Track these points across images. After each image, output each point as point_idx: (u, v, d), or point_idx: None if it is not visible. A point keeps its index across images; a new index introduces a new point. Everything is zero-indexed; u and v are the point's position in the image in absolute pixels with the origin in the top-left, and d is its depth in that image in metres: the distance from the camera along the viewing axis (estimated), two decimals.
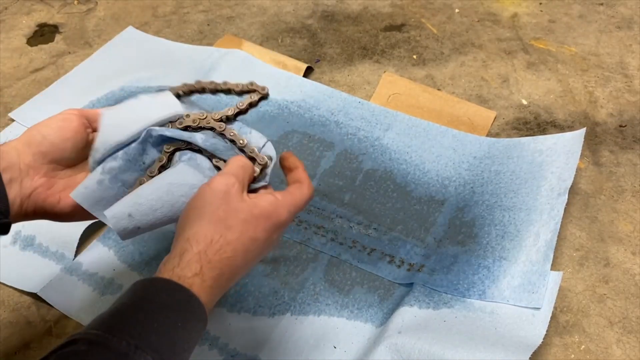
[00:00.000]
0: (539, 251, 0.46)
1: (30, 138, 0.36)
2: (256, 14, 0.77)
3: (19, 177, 0.35)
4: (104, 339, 0.26)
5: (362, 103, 0.62)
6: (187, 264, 0.30)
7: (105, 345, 0.26)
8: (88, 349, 0.26)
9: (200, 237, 0.31)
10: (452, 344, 0.41)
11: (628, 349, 0.43)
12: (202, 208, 0.32)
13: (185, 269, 0.30)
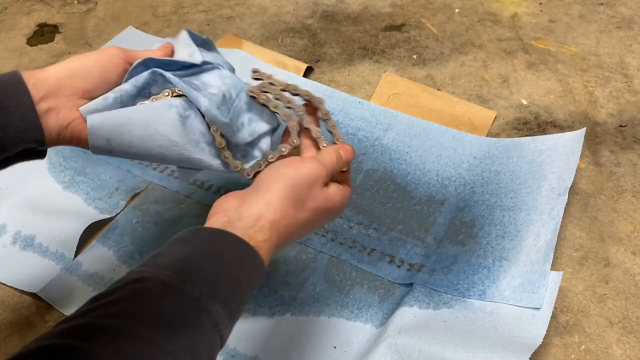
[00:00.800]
0: (539, 251, 0.46)
1: (73, 70, 0.36)
2: (256, 14, 0.77)
3: (57, 107, 0.35)
4: (178, 282, 0.27)
5: (362, 103, 0.62)
6: (261, 229, 0.31)
7: (178, 288, 0.26)
8: (162, 290, 0.26)
9: (278, 208, 0.32)
10: (452, 344, 0.41)
11: (628, 349, 0.43)
12: (290, 182, 0.33)
13: (258, 232, 0.31)
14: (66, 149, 0.60)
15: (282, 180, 0.33)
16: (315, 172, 0.34)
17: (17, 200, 0.55)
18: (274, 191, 0.33)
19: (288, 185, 0.33)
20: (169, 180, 0.57)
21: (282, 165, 0.35)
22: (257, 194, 0.33)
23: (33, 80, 0.35)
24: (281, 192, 0.33)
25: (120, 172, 0.57)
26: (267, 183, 0.33)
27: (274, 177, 0.34)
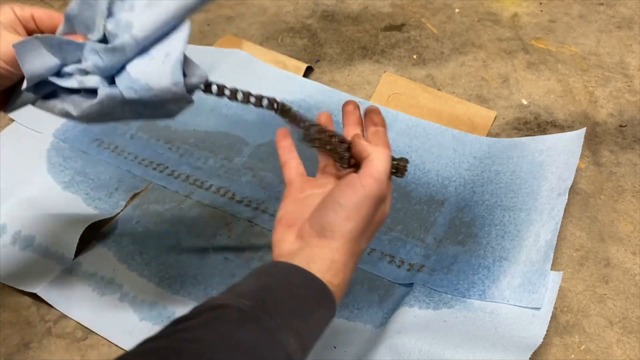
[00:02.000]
0: (539, 251, 0.46)
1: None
2: (256, 13, 0.77)
3: None
4: (256, 312, 0.27)
5: (362, 103, 0.62)
6: (336, 273, 0.32)
7: (256, 318, 0.27)
8: (239, 317, 0.27)
9: (348, 249, 0.32)
10: (452, 344, 0.41)
11: (628, 349, 0.43)
12: (354, 217, 0.32)
13: (334, 277, 0.32)
14: (66, 149, 0.60)
15: (345, 222, 0.32)
16: (377, 194, 0.32)
17: (17, 200, 0.55)
18: (340, 236, 0.32)
19: (353, 226, 0.32)
20: (169, 180, 0.57)
21: (341, 194, 0.32)
22: (322, 240, 0.32)
23: None
24: (349, 234, 0.32)
25: (120, 172, 0.57)
26: (329, 224, 0.32)
27: (334, 216, 0.32)
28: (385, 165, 0.33)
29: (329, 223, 0.32)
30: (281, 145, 0.39)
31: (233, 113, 0.62)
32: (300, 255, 0.32)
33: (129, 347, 0.44)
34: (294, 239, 0.33)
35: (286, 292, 0.30)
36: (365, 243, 0.34)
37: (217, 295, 0.29)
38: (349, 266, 0.32)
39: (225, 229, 0.52)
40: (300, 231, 0.33)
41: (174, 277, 0.49)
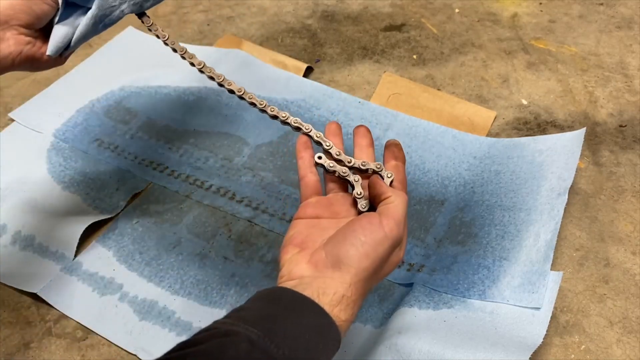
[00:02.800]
0: (539, 251, 0.46)
1: (15, 5, 0.38)
2: (256, 14, 0.77)
3: (6, 37, 0.38)
4: (264, 342, 0.28)
5: (362, 103, 0.62)
6: (345, 308, 0.31)
7: (264, 348, 0.27)
8: (249, 347, 0.27)
9: (360, 287, 0.32)
10: (452, 344, 0.41)
11: (628, 349, 0.43)
12: (371, 255, 0.32)
13: (342, 312, 0.31)
14: (66, 149, 0.60)
15: (363, 258, 0.32)
16: (394, 238, 0.33)
17: (17, 200, 0.55)
18: (355, 272, 0.32)
19: (369, 264, 0.32)
20: (169, 180, 0.57)
21: (362, 231, 0.32)
22: (336, 272, 0.32)
23: None
24: (364, 272, 0.32)
25: (120, 172, 0.57)
26: (347, 257, 0.32)
27: (354, 250, 0.32)
28: (404, 210, 0.34)
29: (348, 257, 0.32)
30: (301, 155, 0.38)
31: (233, 113, 0.62)
32: (312, 285, 0.31)
33: (128, 347, 0.45)
34: (306, 264, 0.33)
35: (295, 323, 0.29)
36: (375, 284, 0.34)
37: (224, 320, 0.29)
38: (357, 304, 0.32)
39: (225, 229, 0.52)
40: (314, 258, 0.33)
41: (174, 277, 0.49)
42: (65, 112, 0.63)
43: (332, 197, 0.38)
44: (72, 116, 0.63)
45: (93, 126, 0.62)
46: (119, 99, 0.64)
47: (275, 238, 0.51)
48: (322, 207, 0.37)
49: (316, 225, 0.36)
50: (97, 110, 0.63)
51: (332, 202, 0.37)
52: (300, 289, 0.31)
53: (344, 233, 0.33)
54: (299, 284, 0.32)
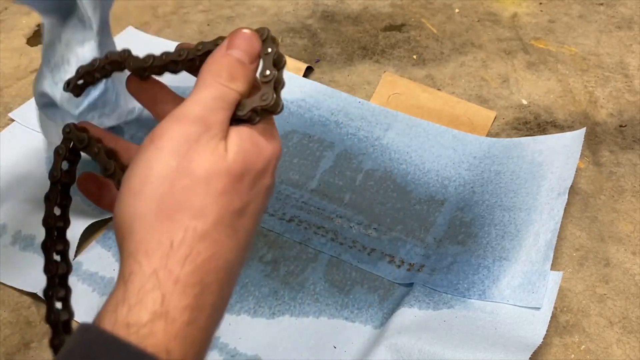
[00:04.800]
0: (539, 251, 0.46)
1: None
2: (256, 14, 0.77)
3: None
4: None
5: (362, 103, 0.62)
6: (139, 300, 0.19)
7: None
8: None
9: (151, 244, 0.20)
10: (452, 344, 0.41)
11: (628, 349, 0.43)
12: (143, 191, 0.21)
13: (136, 308, 0.19)
14: None
15: (129, 200, 0.21)
16: (175, 140, 0.21)
17: (17, 200, 0.55)
18: (129, 227, 0.20)
19: (140, 198, 0.20)
20: None
21: (127, 173, 0.22)
22: (120, 251, 0.21)
23: None
24: (137, 219, 0.20)
25: None
26: (119, 220, 0.21)
27: (120, 206, 0.21)
28: (217, 70, 0.24)
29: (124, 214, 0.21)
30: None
31: None
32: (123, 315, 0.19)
33: None
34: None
35: None
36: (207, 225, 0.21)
37: None
38: (169, 276, 0.20)
39: None
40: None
41: None
42: None
43: None
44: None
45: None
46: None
47: (275, 238, 0.51)
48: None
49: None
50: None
51: None
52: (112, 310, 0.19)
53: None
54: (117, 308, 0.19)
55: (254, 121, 0.23)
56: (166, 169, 0.21)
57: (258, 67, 0.24)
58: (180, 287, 0.19)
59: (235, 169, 0.22)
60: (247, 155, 0.22)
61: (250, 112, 0.23)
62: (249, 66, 0.24)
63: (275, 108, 0.24)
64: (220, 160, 0.21)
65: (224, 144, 0.22)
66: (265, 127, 0.24)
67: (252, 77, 0.24)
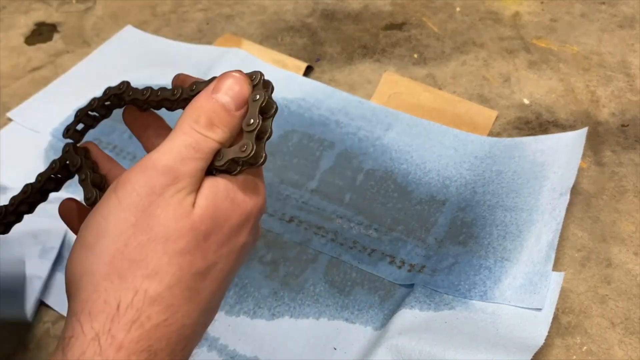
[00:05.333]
0: (541, 252, 0.46)
1: None
2: (256, 12, 0.76)
3: None
4: None
5: (363, 102, 0.61)
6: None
7: None
8: None
9: (96, 305, 0.18)
10: (453, 345, 0.40)
11: (630, 350, 0.42)
12: (96, 245, 0.19)
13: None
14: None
15: (80, 252, 0.19)
16: (138, 190, 0.19)
17: None
18: (77, 282, 0.19)
19: (91, 251, 0.19)
20: None
21: (84, 224, 0.20)
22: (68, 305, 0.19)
23: None
24: (85, 274, 0.19)
25: None
26: (69, 274, 0.19)
27: (72, 259, 0.20)
28: (195, 116, 0.22)
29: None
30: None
31: None
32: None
33: None
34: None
35: None
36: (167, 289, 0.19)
37: None
38: (113, 342, 0.18)
39: None
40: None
41: None
42: (63, 111, 0.63)
43: None
44: (70, 115, 0.62)
45: None
46: None
47: (274, 238, 0.51)
48: None
49: None
50: None
51: None
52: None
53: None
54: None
55: (233, 172, 0.21)
56: (124, 223, 0.19)
57: (245, 114, 0.22)
58: (123, 354, 0.18)
59: (200, 226, 0.20)
60: (218, 211, 0.20)
61: (229, 162, 0.21)
62: (233, 113, 0.22)
63: (255, 160, 0.21)
64: (183, 217, 0.19)
65: (192, 197, 0.20)
66: (247, 179, 0.22)
67: (236, 124, 0.22)
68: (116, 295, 0.18)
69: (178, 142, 0.21)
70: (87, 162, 0.26)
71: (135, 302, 0.18)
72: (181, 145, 0.20)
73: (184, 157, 0.20)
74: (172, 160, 0.20)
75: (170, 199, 0.20)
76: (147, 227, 0.19)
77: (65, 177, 0.28)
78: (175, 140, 0.21)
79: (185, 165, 0.20)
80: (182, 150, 0.20)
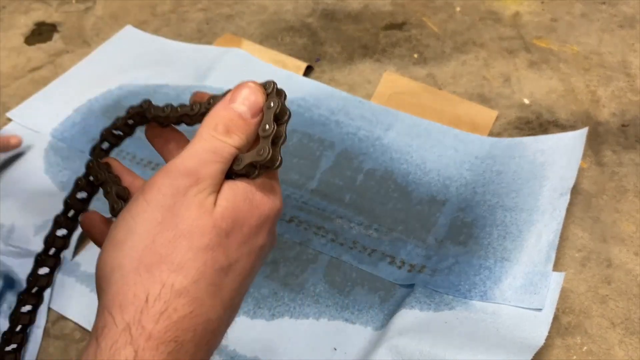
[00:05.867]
0: (541, 252, 0.46)
1: None
2: (256, 12, 0.76)
3: None
4: None
5: (363, 102, 0.61)
6: (111, 357, 0.18)
7: None
8: None
9: (127, 298, 0.19)
10: (454, 345, 0.40)
11: (630, 350, 0.42)
12: (126, 242, 0.20)
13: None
14: (64, 149, 0.59)
15: (111, 250, 0.21)
16: (162, 192, 0.21)
17: (15, 200, 0.54)
18: (108, 278, 0.20)
19: (121, 248, 0.20)
20: None
21: (114, 224, 0.22)
22: (99, 299, 0.21)
23: None
24: (115, 270, 0.20)
25: None
26: (100, 270, 0.21)
27: (103, 257, 0.21)
28: (215, 124, 0.23)
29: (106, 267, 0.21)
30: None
31: None
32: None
33: None
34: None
35: None
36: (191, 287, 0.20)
37: None
38: (142, 332, 0.19)
39: None
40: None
41: None
42: (63, 111, 0.63)
43: None
44: (70, 116, 0.62)
45: (91, 125, 0.61)
46: (117, 98, 0.64)
47: None
48: None
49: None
50: (95, 109, 0.63)
51: None
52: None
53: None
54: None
55: (252, 176, 0.23)
56: (151, 221, 0.21)
57: (261, 121, 0.24)
58: (152, 343, 0.19)
59: (222, 224, 0.21)
60: (238, 211, 0.22)
61: (247, 166, 0.23)
62: (249, 120, 0.23)
63: (271, 163, 0.23)
64: (206, 215, 0.21)
65: (213, 198, 0.21)
66: (264, 182, 0.23)
67: (252, 131, 0.24)
68: (145, 288, 0.19)
69: (198, 148, 0.22)
70: (109, 176, 0.28)
71: (163, 295, 0.19)
72: (201, 150, 0.22)
73: (204, 160, 0.22)
74: (193, 163, 0.22)
75: (193, 198, 0.21)
76: (173, 224, 0.20)
77: (90, 194, 0.30)
78: (196, 146, 0.23)
79: (206, 168, 0.22)
80: (202, 154, 0.22)
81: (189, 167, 0.22)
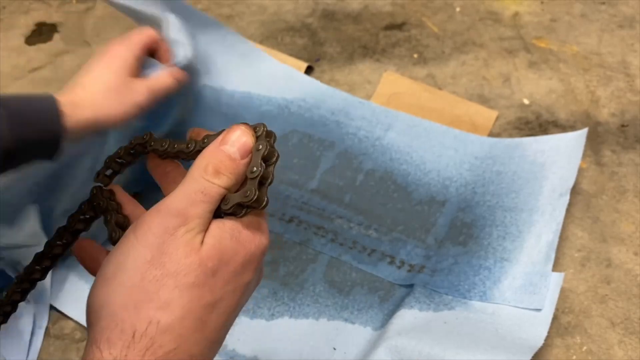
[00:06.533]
0: (541, 252, 0.46)
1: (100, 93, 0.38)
2: (256, 12, 0.76)
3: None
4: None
5: (363, 102, 0.61)
6: None
7: None
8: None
9: (114, 333, 0.20)
10: (453, 345, 0.40)
11: (630, 350, 0.42)
12: (115, 279, 0.21)
13: None
14: None
15: (102, 285, 0.22)
16: (153, 232, 0.21)
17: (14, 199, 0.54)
18: (98, 311, 0.21)
19: (111, 283, 0.21)
20: None
21: (106, 260, 0.23)
22: (88, 330, 0.22)
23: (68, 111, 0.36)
24: (105, 305, 0.21)
25: None
26: (90, 303, 0.22)
27: (93, 291, 0.22)
28: (203, 166, 0.24)
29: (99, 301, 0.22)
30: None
31: (233, 112, 0.62)
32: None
33: None
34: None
35: None
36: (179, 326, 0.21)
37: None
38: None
39: None
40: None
41: None
42: None
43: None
44: None
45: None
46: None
47: (274, 238, 0.51)
48: None
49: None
50: None
51: None
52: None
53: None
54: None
55: (239, 215, 0.24)
56: (140, 259, 0.22)
57: (250, 162, 0.25)
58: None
59: (208, 263, 0.22)
60: (225, 250, 0.23)
61: (234, 206, 0.24)
62: (239, 161, 0.24)
63: (257, 204, 0.24)
64: (192, 253, 0.22)
65: (200, 237, 0.22)
66: (251, 221, 0.24)
67: (241, 171, 0.24)
68: (132, 324, 0.21)
69: (188, 188, 0.23)
70: (111, 204, 0.30)
71: (149, 331, 0.21)
72: (191, 191, 0.23)
73: (193, 200, 0.23)
74: (183, 204, 0.23)
75: (181, 237, 0.22)
76: (161, 263, 0.22)
77: (92, 217, 0.32)
78: (186, 186, 0.24)
79: (194, 208, 0.23)
80: (191, 195, 0.23)
81: (179, 208, 0.23)
